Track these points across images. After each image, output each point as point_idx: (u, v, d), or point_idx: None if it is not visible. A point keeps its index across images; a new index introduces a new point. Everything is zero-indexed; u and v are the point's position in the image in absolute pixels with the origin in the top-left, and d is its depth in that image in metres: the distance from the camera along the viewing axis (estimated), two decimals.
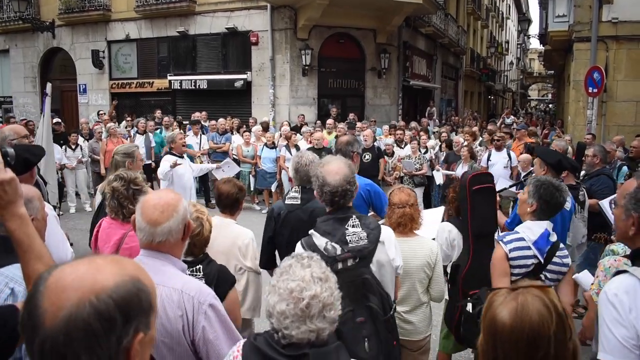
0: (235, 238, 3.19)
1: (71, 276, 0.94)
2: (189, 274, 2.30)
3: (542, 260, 2.71)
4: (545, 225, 2.77)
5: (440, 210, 4.44)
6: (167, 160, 5.86)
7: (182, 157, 6.05)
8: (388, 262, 2.44)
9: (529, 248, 2.71)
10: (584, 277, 2.55)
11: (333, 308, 1.48)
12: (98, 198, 3.80)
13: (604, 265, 2.65)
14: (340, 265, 2.20)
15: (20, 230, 1.47)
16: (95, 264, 0.99)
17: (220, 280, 2.43)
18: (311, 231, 2.35)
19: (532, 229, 2.76)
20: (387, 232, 2.50)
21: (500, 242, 2.76)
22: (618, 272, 1.81)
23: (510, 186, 6.67)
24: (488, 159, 8.41)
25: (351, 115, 12.86)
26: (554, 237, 2.79)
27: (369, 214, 3.53)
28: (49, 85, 5.67)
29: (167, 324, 1.80)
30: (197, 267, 2.44)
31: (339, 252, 2.22)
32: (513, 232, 2.83)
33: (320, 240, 2.27)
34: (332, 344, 1.49)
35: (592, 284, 2.68)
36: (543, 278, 2.71)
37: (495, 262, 2.74)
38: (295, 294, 1.45)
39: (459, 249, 3.42)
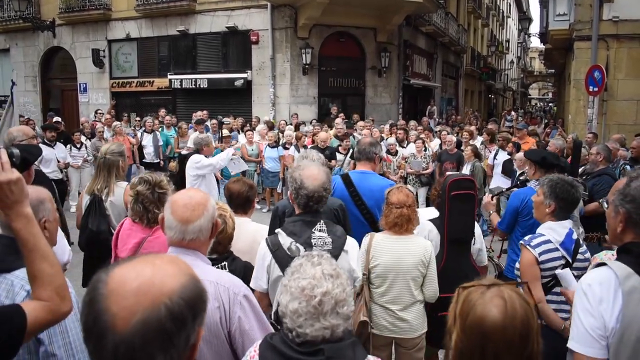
0: (255, 235, 3.17)
1: (138, 279, 0.95)
2: None
3: (571, 260, 2.69)
4: (568, 224, 2.75)
5: (435, 210, 4.43)
6: (226, 151, 6.25)
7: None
8: (348, 270, 2.47)
9: (556, 250, 2.68)
10: (567, 274, 2.53)
11: (346, 304, 1.48)
12: (85, 198, 3.73)
13: (600, 258, 2.64)
14: None
15: (25, 229, 1.47)
16: (157, 265, 1.00)
17: (247, 277, 2.45)
18: (277, 230, 2.39)
19: (556, 230, 2.73)
20: (352, 243, 2.55)
21: (528, 246, 2.69)
22: (598, 265, 1.83)
23: (508, 188, 6.62)
24: (494, 158, 8.40)
25: (341, 115, 12.69)
26: (575, 235, 2.77)
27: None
28: (14, 73, 5.67)
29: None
30: (223, 264, 2.46)
31: (302, 253, 2.23)
32: (537, 234, 2.78)
33: (285, 240, 2.32)
34: (348, 340, 1.49)
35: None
36: None
37: (525, 267, 2.68)
38: (307, 291, 1.45)
39: (437, 249, 3.37)
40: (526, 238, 2.79)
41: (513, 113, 19.45)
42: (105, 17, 16.06)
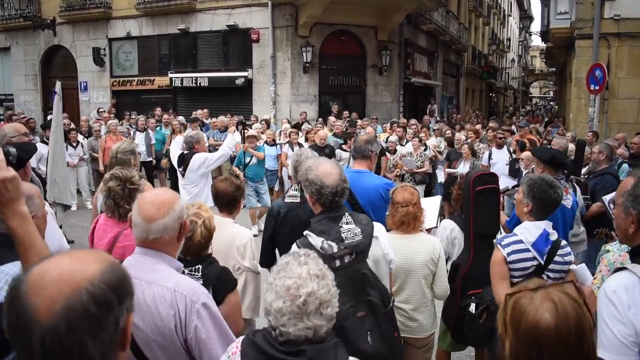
0: (234, 238, 3.16)
1: (57, 269, 0.97)
2: (187, 274, 2.28)
3: (542, 262, 2.66)
4: (543, 225, 2.70)
5: (437, 199, 4.42)
6: (230, 136, 6.00)
7: None
8: (382, 256, 2.50)
9: (527, 250, 2.65)
10: (582, 270, 2.53)
11: (330, 305, 1.48)
12: (99, 198, 3.76)
13: (607, 259, 2.62)
14: (338, 263, 2.22)
15: (21, 228, 1.48)
16: (76, 256, 1.02)
17: (220, 283, 2.40)
18: (306, 232, 2.38)
19: (529, 230, 2.70)
20: (379, 227, 2.55)
21: (498, 245, 2.70)
22: (618, 269, 1.79)
23: (514, 186, 6.62)
24: (489, 158, 8.35)
25: (345, 114, 12.71)
26: (554, 236, 2.72)
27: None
28: (58, 84, 5.66)
29: (160, 322, 1.80)
30: (197, 267, 2.41)
31: (335, 249, 2.24)
32: (511, 234, 2.78)
33: (316, 240, 2.30)
34: (330, 341, 1.48)
35: (594, 278, 2.64)
36: (545, 278, 2.66)
37: (493, 265, 2.70)
38: (292, 291, 1.44)
39: (460, 247, 3.39)
40: (499, 237, 2.82)
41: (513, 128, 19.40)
42: (105, 15, 16.07)
